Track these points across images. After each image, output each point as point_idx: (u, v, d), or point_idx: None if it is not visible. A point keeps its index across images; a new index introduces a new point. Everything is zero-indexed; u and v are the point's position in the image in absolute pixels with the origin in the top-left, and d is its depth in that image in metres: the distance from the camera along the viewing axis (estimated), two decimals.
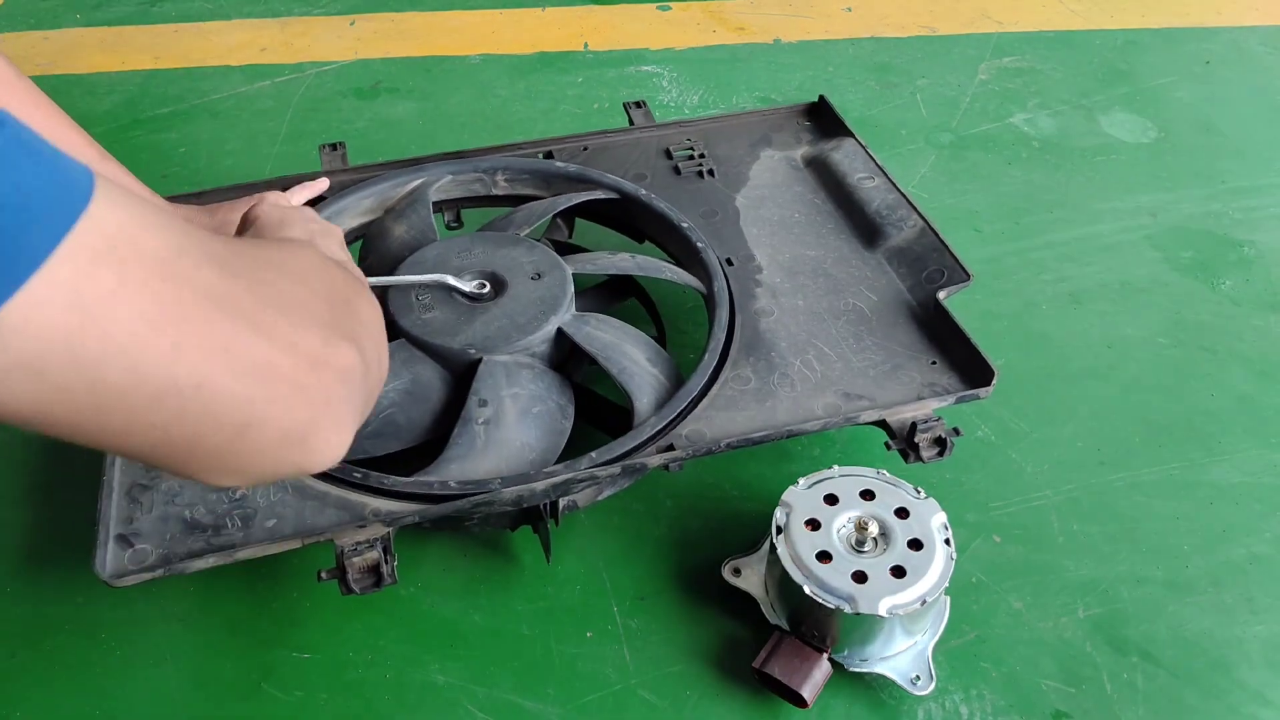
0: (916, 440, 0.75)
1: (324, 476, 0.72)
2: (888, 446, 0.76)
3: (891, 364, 0.81)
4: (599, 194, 0.96)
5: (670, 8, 1.58)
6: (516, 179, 0.99)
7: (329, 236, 0.63)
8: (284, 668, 0.74)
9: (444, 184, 0.98)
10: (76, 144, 0.72)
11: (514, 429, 0.76)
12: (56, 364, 0.32)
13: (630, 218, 0.98)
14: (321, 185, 0.95)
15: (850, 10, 1.57)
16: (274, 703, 0.72)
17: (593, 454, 0.73)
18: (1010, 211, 1.17)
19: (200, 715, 0.72)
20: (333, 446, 0.43)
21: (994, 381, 0.77)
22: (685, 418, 0.77)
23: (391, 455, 0.77)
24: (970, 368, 0.80)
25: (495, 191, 0.99)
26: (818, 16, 1.56)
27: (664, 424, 0.75)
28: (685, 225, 0.92)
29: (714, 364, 0.80)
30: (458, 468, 0.73)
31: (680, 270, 0.89)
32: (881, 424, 0.76)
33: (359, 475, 0.71)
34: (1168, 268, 1.10)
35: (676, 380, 0.80)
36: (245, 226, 0.63)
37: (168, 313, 0.35)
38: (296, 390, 0.40)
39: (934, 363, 0.81)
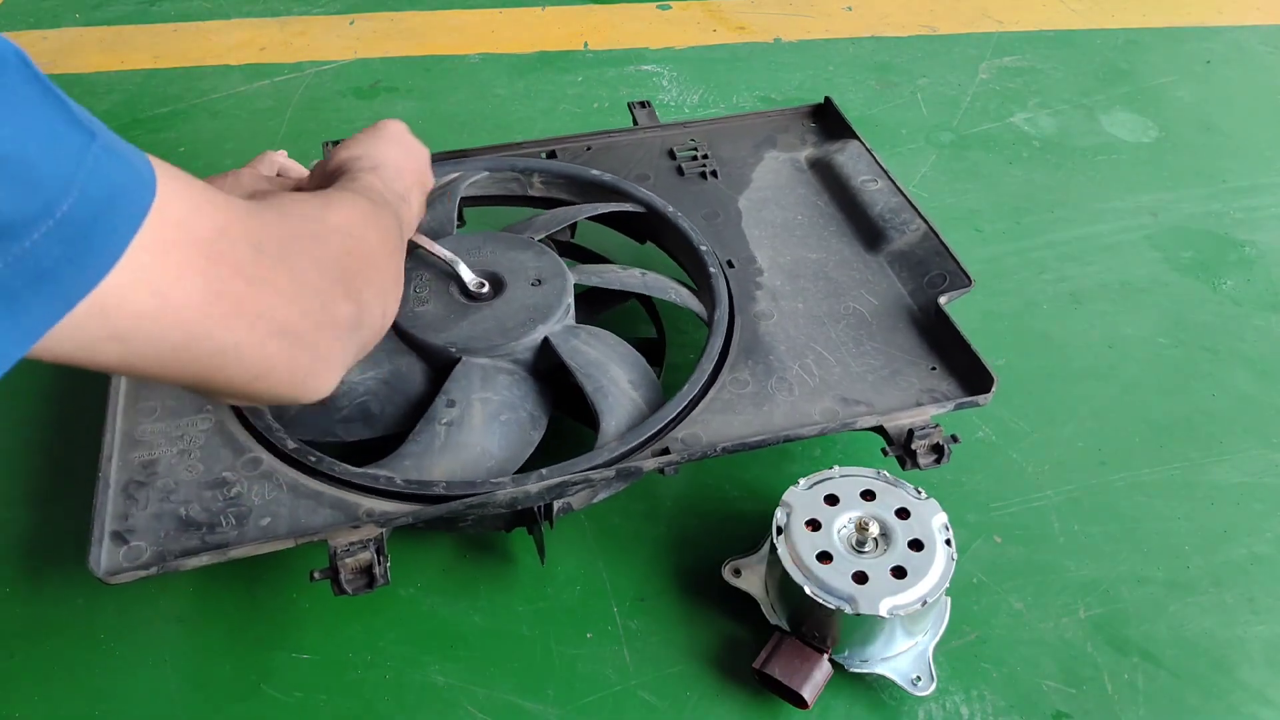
0: (914, 447, 0.75)
1: (319, 475, 0.72)
2: (885, 452, 0.76)
3: (891, 369, 0.81)
4: (628, 206, 0.96)
5: (670, 7, 1.58)
6: (552, 182, 0.99)
7: (409, 173, 0.74)
8: (283, 669, 0.74)
9: (480, 180, 0.98)
10: None
11: (477, 433, 0.75)
12: (138, 336, 0.41)
13: (651, 230, 0.98)
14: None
15: (850, 9, 1.57)
16: (273, 704, 0.72)
17: (585, 456, 0.72)
18: (1011, 211, 1.17)
19: (199, 716, 0.72)
20: (325, 387, 0.54)
21: (993, 389, 0.76)
22: (681, 421, 0.76)
23: (361, 444, 0.77)
24: (970, 374, 0.79)
25: (530, 193, 0.99)
26: (818, 16, 1.55)
27: (659, 427, 0.75)
28: (705, 248, 0.91)
29: (710, 368, 0.80)
30: (411, 464, 0.73)
31: (685, 293, 0.89)
32: (879, 430, 0.76)
33: (339, 471, 0.72)
34: (1168, 268, 1.09)
35: (658, 407, 0.78)
36: (376, 129, 0.75)
37: (216, 289, 0.43)
38: (305, 346, 0.50)
39: (934, 368, 0.81)
